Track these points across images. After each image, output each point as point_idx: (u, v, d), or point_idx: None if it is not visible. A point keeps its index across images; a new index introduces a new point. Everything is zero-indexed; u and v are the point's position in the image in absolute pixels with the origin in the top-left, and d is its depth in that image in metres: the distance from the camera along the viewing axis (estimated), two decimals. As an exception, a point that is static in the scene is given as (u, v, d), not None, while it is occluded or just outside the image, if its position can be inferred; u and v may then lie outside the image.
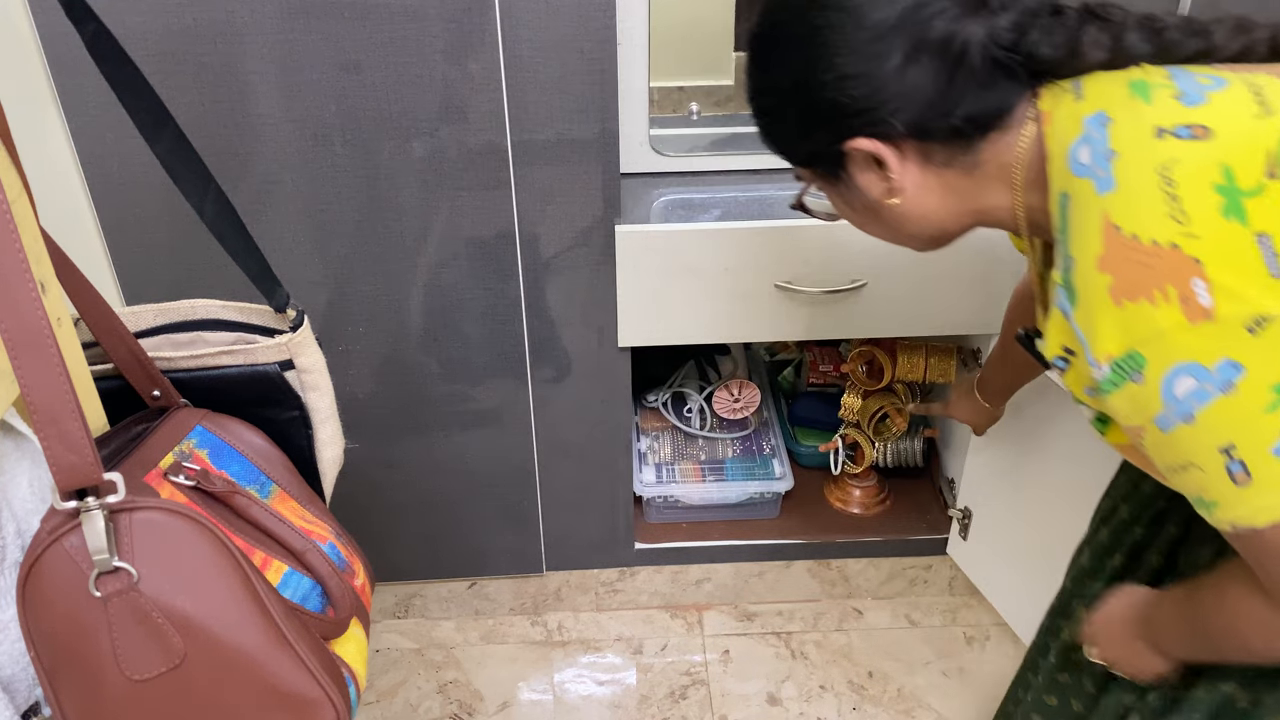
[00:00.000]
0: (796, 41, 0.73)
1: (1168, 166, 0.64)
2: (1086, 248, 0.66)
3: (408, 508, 1.52)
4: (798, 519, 1.67)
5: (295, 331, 0.85)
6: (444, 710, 1.53)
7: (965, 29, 0.69)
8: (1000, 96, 0.71)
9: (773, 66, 0.76)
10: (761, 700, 1.54)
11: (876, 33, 0.69)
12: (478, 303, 1.34)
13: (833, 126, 0.73)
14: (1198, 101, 0.66)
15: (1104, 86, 0.69)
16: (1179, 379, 0.63)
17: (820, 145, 0.76)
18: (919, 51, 0.69)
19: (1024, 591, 1.46)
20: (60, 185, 1.21)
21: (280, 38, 1.13)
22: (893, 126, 0.71)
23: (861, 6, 0.70)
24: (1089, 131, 0.67)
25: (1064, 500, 1.30)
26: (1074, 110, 0.69)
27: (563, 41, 1.16)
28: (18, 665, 0.66)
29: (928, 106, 0.70)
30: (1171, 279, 0.62)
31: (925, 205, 0.76)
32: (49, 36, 1.11)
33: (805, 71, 0.73)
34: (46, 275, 0.69)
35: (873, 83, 0.70)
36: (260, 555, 0.75)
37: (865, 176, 0.76)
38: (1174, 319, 0.62)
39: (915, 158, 0.74)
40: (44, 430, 0.58)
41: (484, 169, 1.23)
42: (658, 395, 1.71)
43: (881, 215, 0.78)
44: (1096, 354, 0.66)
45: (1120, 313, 0.64)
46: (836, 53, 0.70)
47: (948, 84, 0.70)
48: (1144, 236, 0.63)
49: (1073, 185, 0.68)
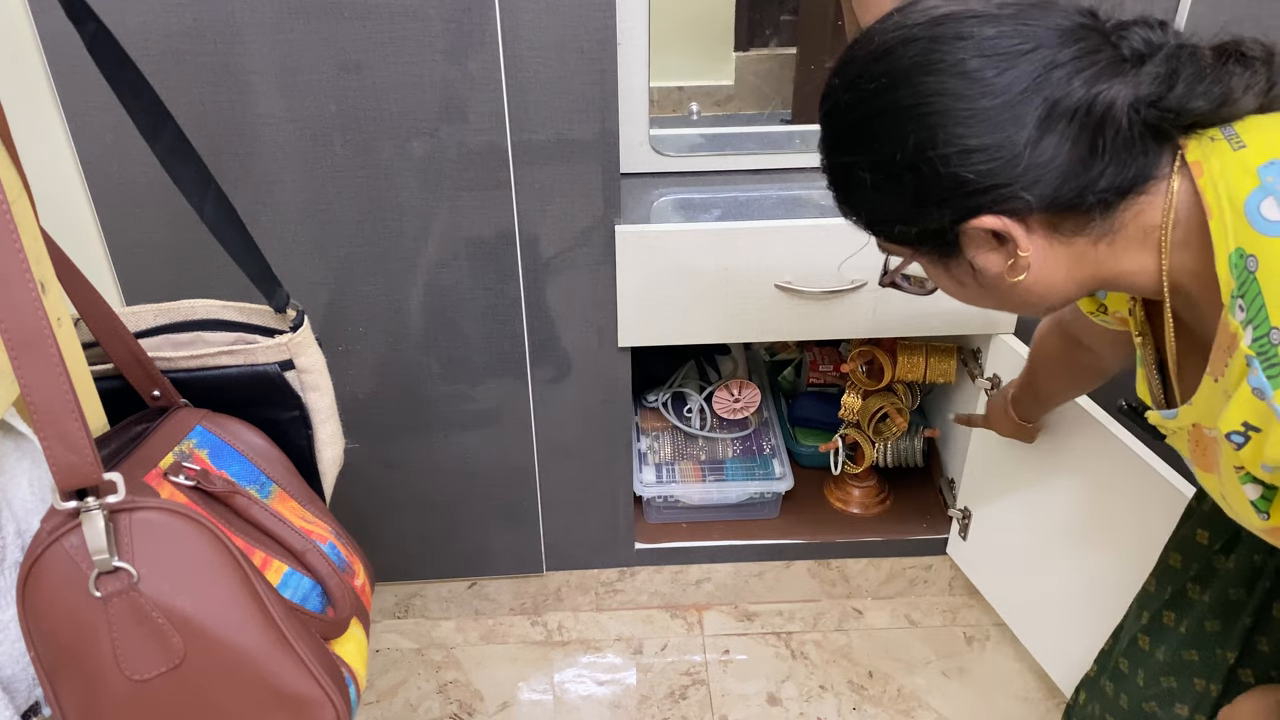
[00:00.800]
0: (906, 111, 0.64)
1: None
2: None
3: (408, 508, 1.52)
4: (798, 519, 1.67)
5: (295, 331, 0.85)
6: (444, 710, 1.53)
7: (1108, 89, 0.61)
8: (1148, 159, 0.63)
9: (875, 140, 0.66)
10: (761, 700, 1.54)
11: (1006, 100, 0.61)
12: (478, 303, 1.34)
13: (954, 205, 0.65)
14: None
15: (1267, 131, 0.62)
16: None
17: (934, 224, 0.66)
18: (1055, 118, 0.61)
19: (1024, 591, 1.46)
20: (60, 185, 1.21)
21: (280, 38, 1.13)
22: (1025, 202, 0.63)
23: (984, 70, 0.61)
24: (1269, 183, 0.59)
25: (1064, 501, 1.30)
26: (1238, 160, 0.61)
27: (563, 41, 1.16)
28: (18, 665, 0.66)
29: (1068, 179, 0.62)
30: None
31: (1051, 278, 0.68)
32: (49, 36, 1.11)
33: (921, 145, 0.63)
34: (46, 275, 0.69)
35: (1003, 156, 0.62)
36: (260, 555, 0.75)
37: (984, 255, 0.67)
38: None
39: (1042, 230, 0.65)
40: (44, 430, 0.58)
41: (484, 169, 1.23)
42: (658, 395, 1.71)
43: (1000, 291, 0.70)
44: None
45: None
46: (960, 123, 0.62)
47: (1089, 152, 0.62)
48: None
49: (1259, 244, 0.59)
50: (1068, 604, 1.33)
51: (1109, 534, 1.23)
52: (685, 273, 1.31)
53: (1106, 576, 1.23)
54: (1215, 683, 0.90)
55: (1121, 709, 1.00)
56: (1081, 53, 0.62)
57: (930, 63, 0.63)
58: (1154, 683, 0.95)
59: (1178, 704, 0.94)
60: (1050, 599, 1.38)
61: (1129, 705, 0.99)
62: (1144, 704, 0.97)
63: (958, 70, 0.62)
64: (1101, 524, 1.24)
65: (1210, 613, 0.91)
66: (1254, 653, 0.89)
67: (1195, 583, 0.93)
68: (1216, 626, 0.89)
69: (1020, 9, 0.63)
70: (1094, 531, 1.25)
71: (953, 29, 0.63)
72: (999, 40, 0.62)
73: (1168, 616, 0.94)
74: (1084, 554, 1.28)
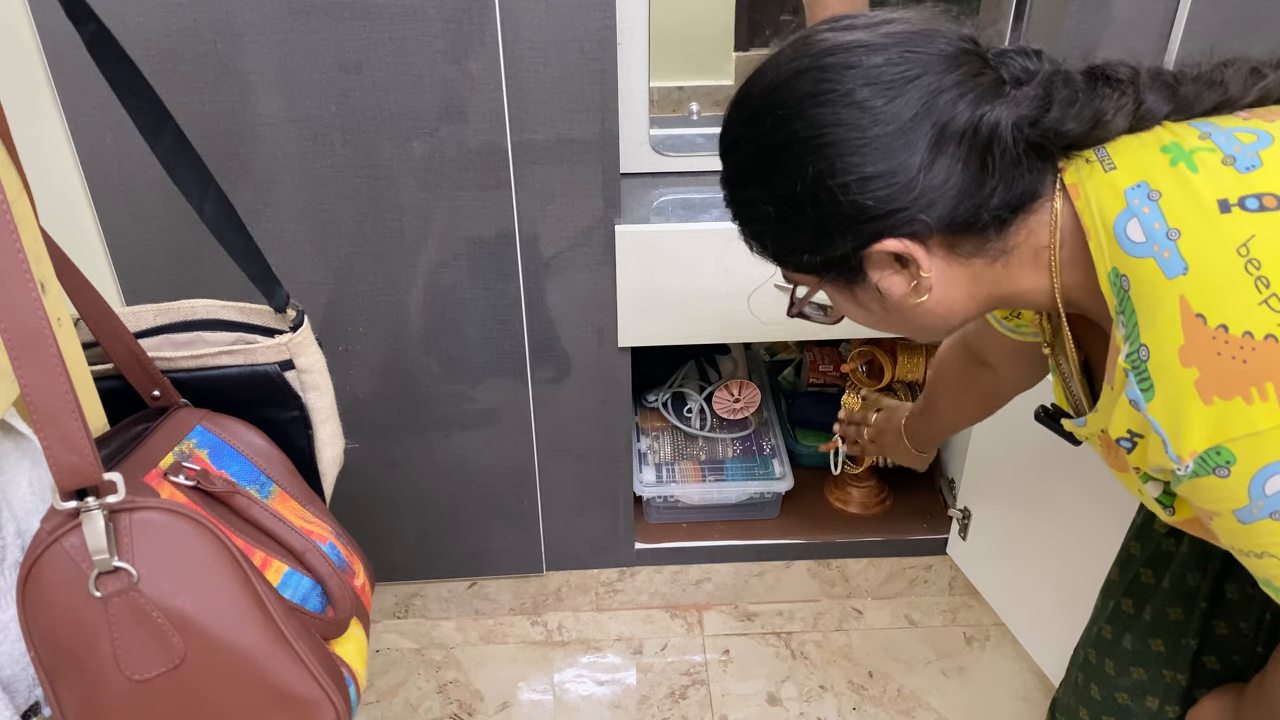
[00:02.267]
0: (803, 143, 0.65)
1: (1247, 245, 0.58)
2: (1164, 337, 0.60)
3: (408, 508, 1.52)
4: (798, 519, 1.67)
5: (295, 331, 0.85)
6: (444, 710, 1.53)
7: (991, 110, 0.63)
8: (1033, 178, 0.65)
9: (775, 173, 0.67)
10: (761, 700, 1.54)
11: (897, 127, 0.63)
12: (478, 303, 1.34)
13: (855, 231, 0.66)
14: (1253, 165, 0.61)
15: (1135, 153, 0.65)
16: (1272, 477, 0.58)
17: (839, 251, 0.68)
18: (945, 141, 0.63)
19: (1024, 591, 1.46)
20: (60, 185, 1.21)
21: (280, 38, 1.13)
22: (924, 224, 0.65)
23: (874, 99, 0.63)
24: (1134, 204, 0.62)
25: (1064, 500, 1.30)
26: (1108, 181, 0.64)
27: (563, 41, 1.16)
28: (18, 665, 0.66)
29: (962, 199, 0.64)
30: (1271, 375, 0.57)
31: (953, 298, 0.70)
32: (49, 36, 1.11)
33: (819, 175, 0.65)
34: (46, 275, 0.69)
35: (899, 181, 0.63)
36: (260, 555, 0.75)
37: (888, 278, 0.69)
38: (1274, 419, 0.57)
39: (941, 251, 0.67)
40: (44, 430, 0.58)
41: (484, 169, 1.23)
42: (658, 395, 1.71)
43: (904, 314, 0.71)
44: (1179, 450, 0.61)
45: (1210, 410, 0.59)
46: (855, 152, 0.63)
47: (980, 172, 0.64)
48: (1234, 327, 0.58)
49: (1129, 265, 0.62)
50: (1068, 604, 1.33)
51: (1109, 534, 1.23)
52: (685, 273, 1.31)
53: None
54: (1182, 673, 0.91)
55: (1094, 700, 1.01)
56: (965, 76, 0.64)
57: (822, 93, 0.64)
58: (1124, 673, 0.96)
59: (1149, 696, 0.95)
60: (1050, 599, 1.38)
61: (1101, 696, 1.00)
62: (1116, 695, 0.98)
63: (848, 100, 0.64)
64: (1101, 524, 1.24)
65: (1171, 599, 0.91)
66: (1213, 637, 0.90)
67: (1148, 567, 0.94)
68: (1179, 615, 0.90)
69: (905, 37, 0.65)
70: (1094, 531, 1.25)
71: (841, 59, 0.65)
72: (885, 68, 0.64)
73: (1125, 604, 0.96)
74: (1084, 554, 1.28)
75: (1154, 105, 0.65)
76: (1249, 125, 0.64)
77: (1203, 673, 0.91)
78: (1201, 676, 0.91)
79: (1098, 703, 1.00)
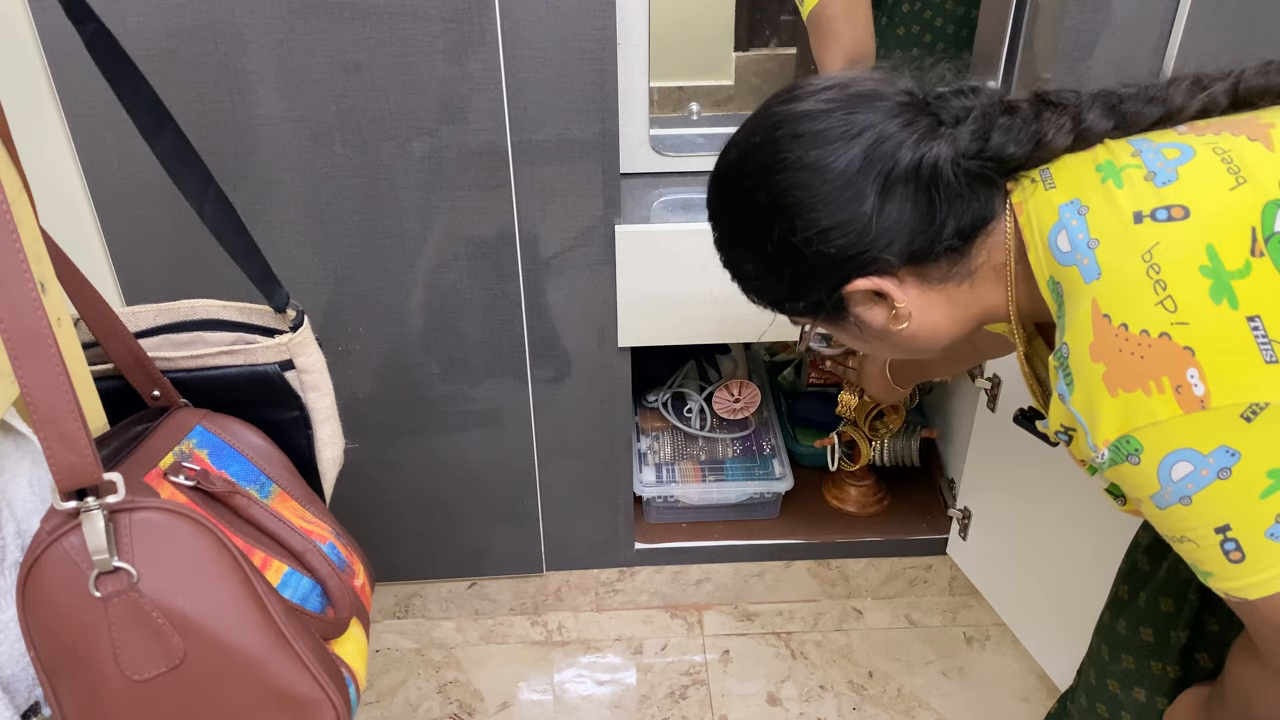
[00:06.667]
0: (767, 208, 0.73)
1: (1151, 252, 0.64)
2: (1079, 336, 0.66)
3: (408, 508, 1.52)
4: (798, 519, 1.67)
5: (295, 331, 0.85)
6: (444, 710, 1.53)
7: (930, 150, 0.69)
8: (981, 203, 0.71)
9: (749, 237, 0.77)
10: (761, 700, 1.54)
11: (846, 180, 0.70)
12: (478, 303, 1.34)
13: (827, 277, 0.74)
14: (1169, 180, 0.66)
15: (1073, 172, 0.70)
16: (1176, 464, 0.63)
17: (818, 295, 0.76)
18: (892, 185, 0.70)
19: (1024, 591, 1.46)
20: (60, 185, 1.21)
21: (280, 38, 1.13)
22: (887, 261, 0.72)
23: (822, 159, 0.70)
24: (1065, 218, 0.68)
25: (1064, 500, 1.30)
26: (1047, 199, 0.70)
27: (563, 41, 1.16)
28: (18, 665, 0.66)
29: (916, 234, 0.71)
30: (1165, 370, 0.62)
31: (934, 322, 0.76)
32: (49, 36, 1.11)
33: (785, 234, 0.73)
34: (46, 275, 0.69)
35: (856, 227, 0.70)
36: (260, 555, 0.75)
37: (870, 311, 0.76)
38: (1169, 409, 0.62)
39: (913, 280, 0.74)
40: (44, 430, 0.58)
41: (484, 169, 1.23)
42: (658, 395, 1.71)
43: (893, 339, 0.78)
44: (1096, 440, 0.66)
45: (1115, 401, 0.64)
46: (811, 209, 0.71)
47: (929, 207, 0.70)
48: (1133, 326, 0.63)
49: (1060, 273, 0.68)
50: (1068, 604, 1.33)
51: (1109, 533, 1.23)
52: (685, 273, 1.31)
53: (1107, 577, 1.23)
54: (1172, 665, 0.93)
55: (1091, 684, 1.02)
56: (903, 124, 0.70)
57: (777, 163, 0.72)
58: (1115, 659, 0.98)
59: (1135, 687, 0.96)
60: (1050, 599, 1.38)
61: (1096, 681, 1.01)
62: (1108, 681, 0.99)
63: (800, 165, 0.71)
64: (1102, 523, 1.24)
65: (1164, 589, 0.93)
66: (1205, 633, 0.91)
67: (1146, 555, 0.96)
68: (1170, 606, 0.92)
69: (845, 100, 0.72)
70: (1094, 531, 1.25)
71: (790, 129, 0.72)
72: (829, 131, 0.71)
73: (1122, 590, 0.98)
74: (1084, 554, 1.28)
75: (1095, 123, 0.70)
76: (1179, 140, 0.69)
77: (1196, 669, 0.92)
78: (1195, 673, 0.92)
79: (1093, 687, 1.02)
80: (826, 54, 1.24)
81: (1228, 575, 0.66)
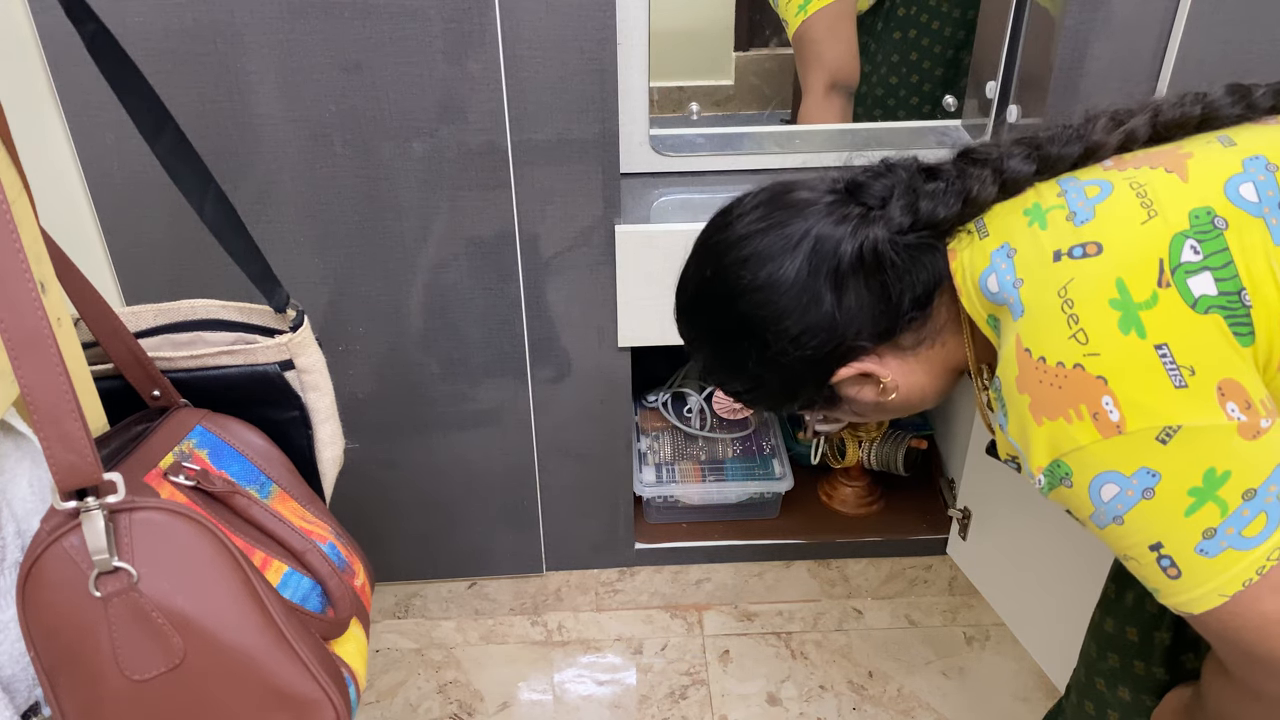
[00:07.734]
0: (737, 334, 0.79)
1: (1066, 287, 0.67)
2: (1007, 369, 0.70)
3: (408, 508, 1.52)
4: (798, 519, 1.67)
5: (295, 331, 0.85)
6: (444, 710, 1.53)
7: (868, 238, 0.74)
8: (929, 270, 0.76)
9: (730, 362, 0.83)
10: (761, 700, 1.54)
11: (799, 287, 0.75)
12: (478, 303, 1.34)
13: (813, 376, 0.79)
14: (1087, 219, 0.69)
15: (1004, 219, 0.74)
16: (1103, 485, 0.67)
17: (810, 393, 0.82)
18: (843, 280, 0.74)
19: (1024, 591, 1.46)
20: (60, 185, 1.21)
21: (280, 38, 1.13)
22: (861, 346, 0.77)
23: (773, 275, 0.75)
24: (995, 262, 0.72)
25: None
26: (981, 247, 0.74)
27: (563, 41, 1.16)
28: (18, 665, 0.66)
29: (879, 315, 0.76)
30: (1082, 399, 0.65)
31: (922, 385, 0.82)
32: (49, 36, 1.11)
33: (761, 352, 0.78)
34: (46, 275, 0.69)
35: (824, 326, 0.75)
36: (260, 555, 0.75)
37: (861, 392, 0.82)
38: (1090, 435, 0.65)
39: (891, 354, 0.79)
40: (44, 430, 0.58)
41: (484, 169, 1.23)
42: (658, 395, 1.71)
43: (887, 408, 0.83)
44: (1031, 466, 0.70)
45: (1043, 430, 0.68)
46: (777, 321, 0.76)
47: (883, 289, 0.75)
48: (1050, 359, 0.67)
49: (997, 311, 0.72)
50: (1068, 604, 1.33)
51: (1109, 534, 1.23)
52: (685, 273, 1.31)
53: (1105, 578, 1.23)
54: (1157, 665, 0.94)
55: (1080, 681, 1.02)
56: (836, 222, 0.75)
57: (731, 291, 0.77)
58: (1103, 657, 0.99)
59: (1120, 686, 0.97)
60: (1050, 599, 1.38)
61: (1085, 679, 1.02)
62: (1096, 679, 1.00)
63: (754, 286, 0.76)
64: (1101, 524, 1.24)
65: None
66: (1187, 636, 0.92)
67: None
68: (1154, 607, 0.93)
69: (775, 216, 0.77)
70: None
71: (734, 257, 0.77)
72: (770, 247, 0.76)
73: (1110, 588, 0.99)
74: (1084, 554, 1.28)
75: (1017, 170, 0.74)
76: (1102, 177, 0.72)
77: (1182, 671, 0.93)
78: (1182, 674, 0.93)
79: (1083, 685, 1.02)
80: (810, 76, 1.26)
81: (1170, 591, 0.68)
